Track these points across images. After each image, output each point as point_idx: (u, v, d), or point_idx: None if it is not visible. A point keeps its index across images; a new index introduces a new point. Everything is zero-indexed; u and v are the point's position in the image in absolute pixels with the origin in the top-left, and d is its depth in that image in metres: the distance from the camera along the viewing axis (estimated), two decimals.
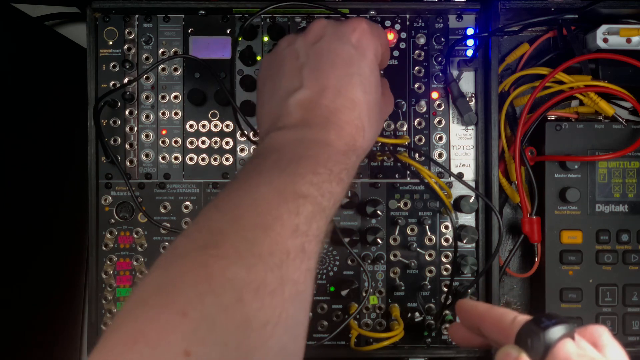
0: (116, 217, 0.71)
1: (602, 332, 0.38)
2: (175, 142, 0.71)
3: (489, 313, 0.42)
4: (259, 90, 0.54)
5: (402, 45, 0.71)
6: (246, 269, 0.36)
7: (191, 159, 0.71)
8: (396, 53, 0.71)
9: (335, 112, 0.47)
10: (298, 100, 0.48)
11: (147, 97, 0.71)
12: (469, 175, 0.71)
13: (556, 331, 0.35)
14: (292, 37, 0.53)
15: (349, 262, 0.71)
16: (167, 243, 0.71)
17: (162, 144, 0.71)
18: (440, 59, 0.71)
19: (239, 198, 0.41)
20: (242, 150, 0.71)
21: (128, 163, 0.71)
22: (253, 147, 0.71)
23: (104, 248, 0.70)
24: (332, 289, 0.71)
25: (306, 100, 0.47)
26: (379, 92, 0.52)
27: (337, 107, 0.47)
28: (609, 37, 0.70)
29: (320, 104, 0.47)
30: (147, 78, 0.71)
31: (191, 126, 0.71)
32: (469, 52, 0.70)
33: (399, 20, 0.71)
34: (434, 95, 0.71)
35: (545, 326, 0.36)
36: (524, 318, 0.38)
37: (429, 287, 0.71)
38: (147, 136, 0.71)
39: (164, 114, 0.71)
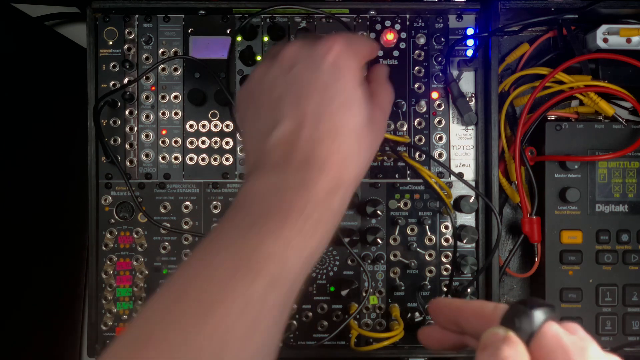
0: (116, 217, 0.71)
1: (578, 327, 0.37)
2: (175, 142, 0.71)
3: (468, 305, 0.42)
4: (240, 130, 0.51)
5: (402, 45, 0.71)
6: None
7: (191, 159, 0.71)
8: (396, 53, 0.71)
9: (316, 145, 0.43)
10: (277, 138, 0.44)
11: (147, 97, 0.71)
12: (469, 175, 0.71)
13: (543, 312, 0.36)
14: (265, 66, 0.49)
15: (349, 262, 0.71)
16: (167, 243, 0.71)
17: (162, 144, 0.71)
18: (440, 59, 0.71)
19: (193, 270, 0.39)
20: (242, 150, 0.71)
21: (128, 163, 0.71)
22: None
23: (104, 248, 0.70)
24: (332, 289, 0.71)
25: (285, 136, 0.44)
26: (365, 112, 0.46)
27: (317, 138, 0.43)
28: (609, 37, 0.70)
29: (300, 138, 0.43)
30: (147, 78, 0.71)
31: (191, 126, 0.71)
32: (469, 52, 0.70)
33: (399, 20, 0.71)
34: (434, 95, 0.71)
35: (532, 307, 0.36)
36: (505, 305, 0.38)
37: (429, 287, 0.71)
38: (147, 136, 0.71)
39: (164, 114, 0.71)
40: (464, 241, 0.69)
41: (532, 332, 0.35)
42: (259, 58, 0.71)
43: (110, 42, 0.71)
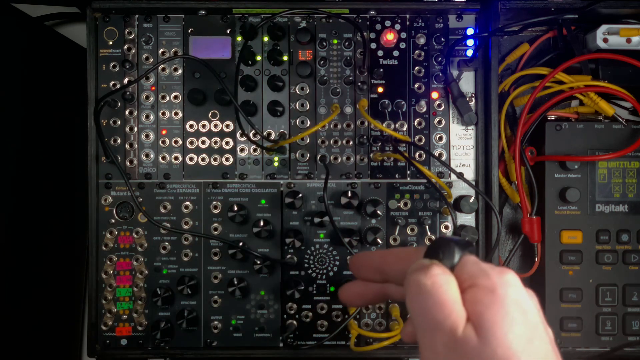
0: (116, 217, 0.71)
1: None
2: (175, 142, 0.71)
3: (390, 251, 0.43)
4: None
5: (402, 45, 0.71)
6: None
7: (191, 159, 0.71)
8: (396, 53, 0.71)
9: None
10: None
11: (147, 97, 0.71)
12: (469, 175, 0.71)
13: (463, 245, 0.38)
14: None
15: (349, 262, 0.71)
16: (167, 243, 0.71)
17: (162, 144, 0.71)
18: (440, 59, 0.71)
19: None
20: (242, 150, 0.71)
21: (128, 163, 0.71)
22: (253, 147, 0.71)
23: (104, 248, 0.70)
24: (332, 289, 0.71)
25: None
26: None
27: None
28: (609, 37, 0.70)
29: None
30: (147, 78, 0.71)
31: (191, 126, 0.71)
32: (469, 52, 0.70)
33: (399, 20, 0.71)
34: (434, 95, 0.71)
35: (452, 240, 0.38)
36: (425, 246, 0.40)
37: None
38: (147, 136, 0.71)
39: (164, 114, 0.71)
40: None
41: (454, 263, 0.37)
42: (258, 58, 0.71)
43: (110, 42, 0.71)
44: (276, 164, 0.71)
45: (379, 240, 0.68)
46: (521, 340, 0.33)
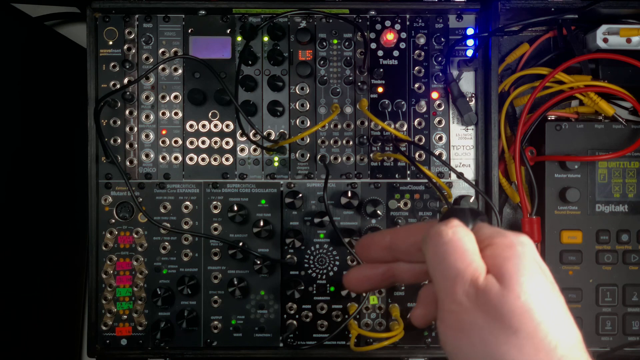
0: (116, 217, 0.71)
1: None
2: (175, 142, 0.71)
3: (401, 227, 0.44)
4: None
5: (402, 45, 0.71)
6: None
7: (191, 159, 0.71)
8: (396, 53, 0.71)
9: None
10: None
11: (147, 97, 0.71)
12: (469, 175, 0.71)
13: (477, 212, 0.39)
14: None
15: (349, 262, 0.71)
16: (167, 243, 0.71)
17: (162, 144, 0.71)
18: (440, 59, 0.71)
19: None
20: (242, 150, 0.71)
21: (128, 163, 0.71)
22: (253, 147, 0.71)
23: (104, 248, 0.70)
24: (332, 289, 0.71)
25: None
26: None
27: None
28: (609, 37, 0.70)
29: None
30: (147, 78, 0.71)
31: (191, 126, 0.71)
32: (469, 52, 0.70)
33: (399, 20, 0.71)
34: (434, 95, 0.71)
35: (466, 208, 0.39)
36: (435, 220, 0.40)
37: None
38: (147, 136, 0.71)
39: (164, 114, 0.71)
40: None
41: (470, 228, 0.38)
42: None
43: (110, 42, 0.71)
44: (276, 164, 0.71)
45: None
46: (543, 290, 0.35)
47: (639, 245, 0.72)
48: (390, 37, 0.69)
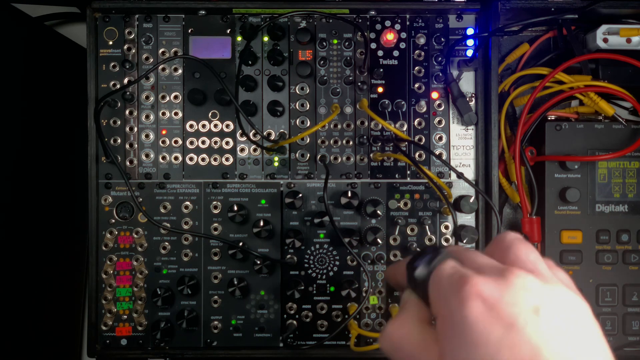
0: (116, 217, 0.71)
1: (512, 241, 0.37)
2: (175, 142, 0.71)
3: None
4: None
5: (402, 45, 0.71)
6: None
7: (191, 159, 0.71)
8: (396, 53, 0.71)
9: None
10: None
11: (147, 97, 0.71)
12: (469, 175, 0.71)
13: (428, 259, 0.38)
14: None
15: (349, 262, 0.71)
16: (167, 243, 0.71)
17: (162, 144, 0.71)
18: (440, 59, 0.71)
19: None
20: (242, 150, 0.71)
21: (128, 163, 0.71)
22: (253, 147, 0.71)
23: (104, 248, 0.70)
24: (332, 289, 0.71)
25: None
26: None
27: None
28: (609, 37, 0.70)
29: None
30: (147, 78, 0.71)
31: (191, 126, 0.71)
32: (469, 52, 0.70)
33: (399, 20, 0.71)
34: (434, 95, 0.71)
35: (420, 259, 0.39)
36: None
37: None
38: (147, 136, 0.71)
39: (164, 114, 0.71)
40: (464, 241, 0.69)
41: (427, 276, 0.37)
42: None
43: (110, 42, 0.71)
44: (276, 164, 0.71)
45: (379, 240, 0.68)
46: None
47: (639, 245, 0.72)
48: (390, 37, 0.69)
